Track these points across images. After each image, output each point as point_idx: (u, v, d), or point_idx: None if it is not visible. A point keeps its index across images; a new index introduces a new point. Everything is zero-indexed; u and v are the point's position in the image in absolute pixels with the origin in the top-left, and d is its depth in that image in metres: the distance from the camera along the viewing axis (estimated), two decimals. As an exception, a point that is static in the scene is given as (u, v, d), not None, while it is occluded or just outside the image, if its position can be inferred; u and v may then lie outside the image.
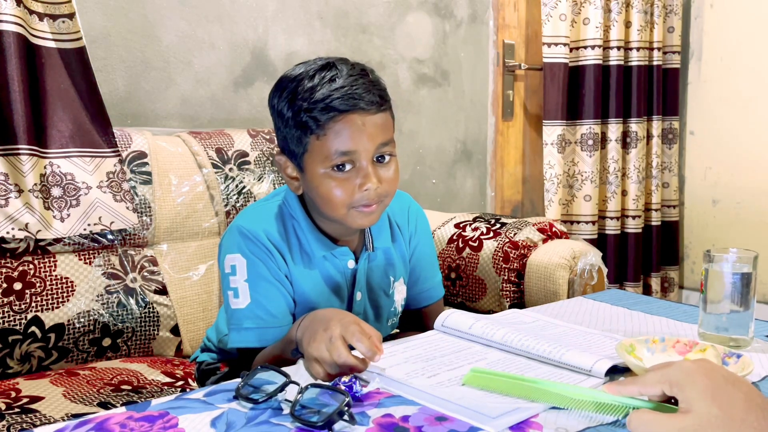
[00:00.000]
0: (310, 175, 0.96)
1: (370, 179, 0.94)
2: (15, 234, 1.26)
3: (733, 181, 2.68)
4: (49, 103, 1.34)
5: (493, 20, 2.50)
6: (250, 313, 0.97)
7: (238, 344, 0.98)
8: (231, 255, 0.99)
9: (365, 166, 0.94)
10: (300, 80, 0.94)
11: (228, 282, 0.99)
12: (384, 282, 1.10)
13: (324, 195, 0.95)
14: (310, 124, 0.92)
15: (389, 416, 0.69)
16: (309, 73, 0.94)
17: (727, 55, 2.67)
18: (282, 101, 0.96)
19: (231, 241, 1.00)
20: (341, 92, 0.91)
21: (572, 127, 2.48)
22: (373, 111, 0.93)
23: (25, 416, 1.06)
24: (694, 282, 2.85)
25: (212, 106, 1.87)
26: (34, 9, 1.33)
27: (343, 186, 0.94)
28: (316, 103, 0.91)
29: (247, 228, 0.99)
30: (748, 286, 0.94)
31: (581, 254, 1.51)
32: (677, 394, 0.64)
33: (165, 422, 0.68)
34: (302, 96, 0.93)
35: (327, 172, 0.94)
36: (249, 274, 0.98)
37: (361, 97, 0.92)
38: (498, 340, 0.92)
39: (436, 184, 2.41)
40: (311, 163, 0.95)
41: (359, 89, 0.92)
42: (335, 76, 0.93)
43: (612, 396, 0.69)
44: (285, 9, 1.98)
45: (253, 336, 0.97)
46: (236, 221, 1.02)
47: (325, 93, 0.91)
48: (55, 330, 1.30)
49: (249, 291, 0.97)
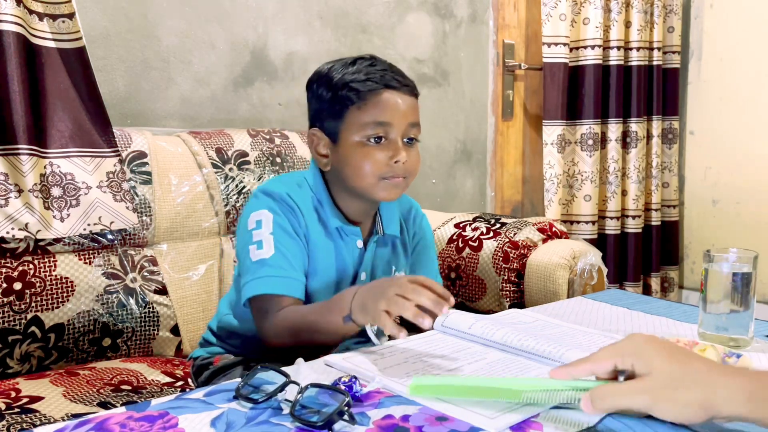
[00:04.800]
0: (344, 145, 1.04)
1: (401, 153, 1.02)
2: (15, 234, 1.26)
3: (733, 181, 2.68)
4: (49, 103, 1.34)
5: (493, 20, 2.50)
6: (274, 262, 1.00)
7: (256, 291, 1.00)
8: (257, 212, 1.04)
9: (397, 140, 1.02)
10: (340, 66, 1.05)
11: (251, 237, 1.03)
12: (386, 269, 1.14)
13: (357, 164, 1.02)
14: (351, 95, 1.02)
15: (389, 416, 0.69)
16: (347, 61, 1.06)
17: (727, 55, 2.67)
18: (321, 85, 1.06)
19: (256, 201, 1.06)
20: (381, 72, 1.03)
21: (572, 127, 2.48)
22: (408, 93, 1.05)
23: (25, 416, 1.06)
24: (694, 282, 2.85)
25: (212, 106, 1.87)
26: (34, 9, 1.33)
27: (376, 156, 1.02)
28: (357, 80, 1.02)
29: (272, 189, 1.06)
30: (748, 286, 0.94)
31: (581, 254, 1.51)
32: (633, 363, 0.64)
33: (165, 422, 0.68)
34: (343, 75, 1.03)
35: (362, 141, 1.02)
36: (274, 227, 1.03)
37: (398, 80, 1.04)
38: (498, 340, 0.92)
39: (436, 184, 2.41)
40: (347, 134, 1.03)
41: (398, 74, 1.05)
42: (372, 63, 1.05)
43: (562, 381, 0.69)
44: (285, 9, 1.98)
45: (274, 283, 0.99)
46: (260, 187, 1.08)
47: (365, 72, 1.03)
48: (54, 330, 1.30)
49: (273, 242, 1.01)
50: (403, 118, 1.03)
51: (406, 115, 1.03)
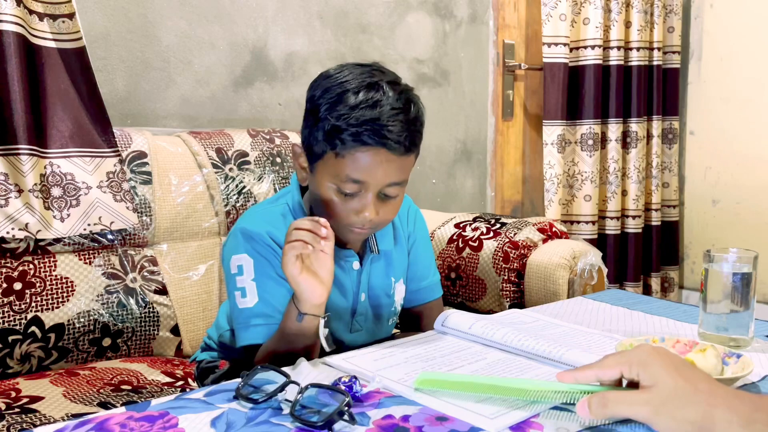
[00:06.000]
0: (318, 180, 0.98)
1: (369, 209, 0.95)
2: (15, 234, 1.26)
3: (733, 180, 2.68)
4: (49, 103, 1.34)
5: (493, 20, 2.50)
6: (259, 311, 0.98)
7: (246, 342, 0.99)
8: (237, 255, 1.00)
9: (369, 197, 0.95)
10: (345, 91, 0.93)
11: (235, 282, 1.00)
12: (385, 283, 1.11)
13: (325, 203, 0.98)
14: (335, 140, 0.93)
15: (389, 416, 0.69)
16: (355, 88, 0.93)
17: (727, 55, 2.67)
18: (322, 100, 0.95)
19: (235, 243, 1.01)
20: (377, 125, 0.91)
21: (572, 127, 2.48)
22: (399, 153, 0.94)
23: (25, 416, 1.06)
24: (694, 282, 2.85)
25: (212, 106, 1.87)
26: (34, 9, 1.33)
27: (344, 207, 0.97)
28: (349, 126, 0.91)
29: (251, 229, 1.00)
30: (748, 286, 0.94)
31: (581, 254, 1.51)
32: (639, 372, 0.64)
33: (165, 422, 0.68)
34: (340, 109, 0.92)
35: (332, 187, 0.96)
36: (256, 273, 0.99)
37: (393, 138, 0.92)
38: (498, 340, 0.92)
39: (436, 184, 2.41)
40: (322, 170, 0.97)
41: (396, 128, 0.92)
42: (379, 101, 0.92)
43: (567, 384, 0.70)
44: (285, 9, 1.98)
45: (261, 333, 0.98)
46: (239, 224, 1.03)
47: (362, 117, 0.91)
48: (55, 330, 1.30)
49: (257, 289, 0.98)
50: (383, 178, 0.94)
51: (387, 176, 0.94)
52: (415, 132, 0.97)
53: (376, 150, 0.92)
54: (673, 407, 0.61)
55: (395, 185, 0.97)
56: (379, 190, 0.96)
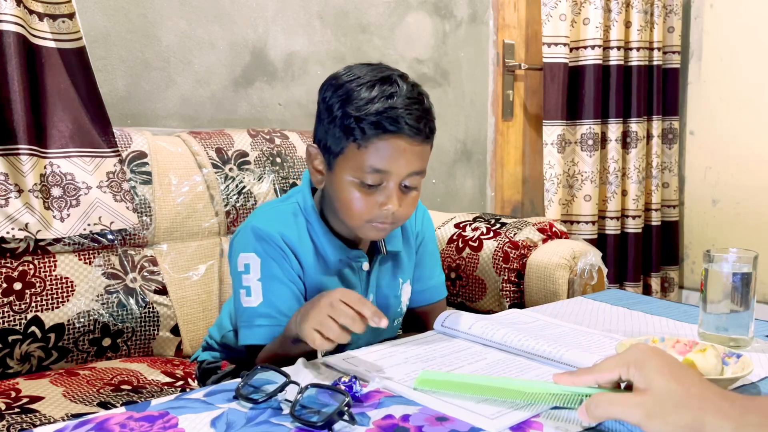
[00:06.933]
0: (338, 177, 0.97)
1: (393, 201, 0.96)
2: (15, 234, 1.26)
3: (733, 181, 2.68)
4: (49, 103, 1.34)
5: (493, 20, 2.50)
6: (263, 311, 0.98)
7: (248, 341, 0.99)
8: (245, 254, 1.00)
9: (391, 188, 0.95)
10: (359, 85, 0.94)
11: (240, 280, 1.00)
12: (393, 284, 1.12)
13: (345, 202, 0.97)
14: (355, 131, 0.93)
15: (389, 416, 0.69)
16: (369, 82, 0.94)
17: (727, 55, 2.67)
18: (335, 98, 0.96)
19: (245, 240, 1.01)
20: (395, 113, 0.92)
21: (572, 127, 2.48)
22: (418, 141, 0.95)
23: (25, 416, 1.06)
24: (694, 282, 2.85)
25: (212, 106, 1.87)
26: (34, 9, 1.33)
27: (366, 200, 0.96)
28: (368, 115, 0.92)
29: (262, 228, 1.00)
30: (748, 286, 0.94)
31: (581, 254, 1.51)
32: (635, 374, 0.64)
33: (165, 422, 0.68)
34: (357, 102, 0.93)
35: (354, 182, 0.96)
36: (262, 273, 0.99)
37: (412, 125, 0.93)
38: (498, 340, 0.92)
39: (436, 184, 2.41)
40: (342, 166, 0.96)
41: (413, 115, 0.93)
42: (394, 93, 0.93)
43: (564, 387, 0.70)
44: (285, 9, 1.98)
45: (264, 333, 0.98)
46: (250, 221, 1.03)
47: (379, 108, 0.92)
48: (55, 330, 1.30)
49: (262, 290, 0.98)
50: (405, 167, 0.95)
51: (409, 164, 0.95)
52: (431, 120, 0.98)
53: (396, 139, 0.93)
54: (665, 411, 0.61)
55: (416, 175, 0.97)
56: (400, 181, 0.96)
